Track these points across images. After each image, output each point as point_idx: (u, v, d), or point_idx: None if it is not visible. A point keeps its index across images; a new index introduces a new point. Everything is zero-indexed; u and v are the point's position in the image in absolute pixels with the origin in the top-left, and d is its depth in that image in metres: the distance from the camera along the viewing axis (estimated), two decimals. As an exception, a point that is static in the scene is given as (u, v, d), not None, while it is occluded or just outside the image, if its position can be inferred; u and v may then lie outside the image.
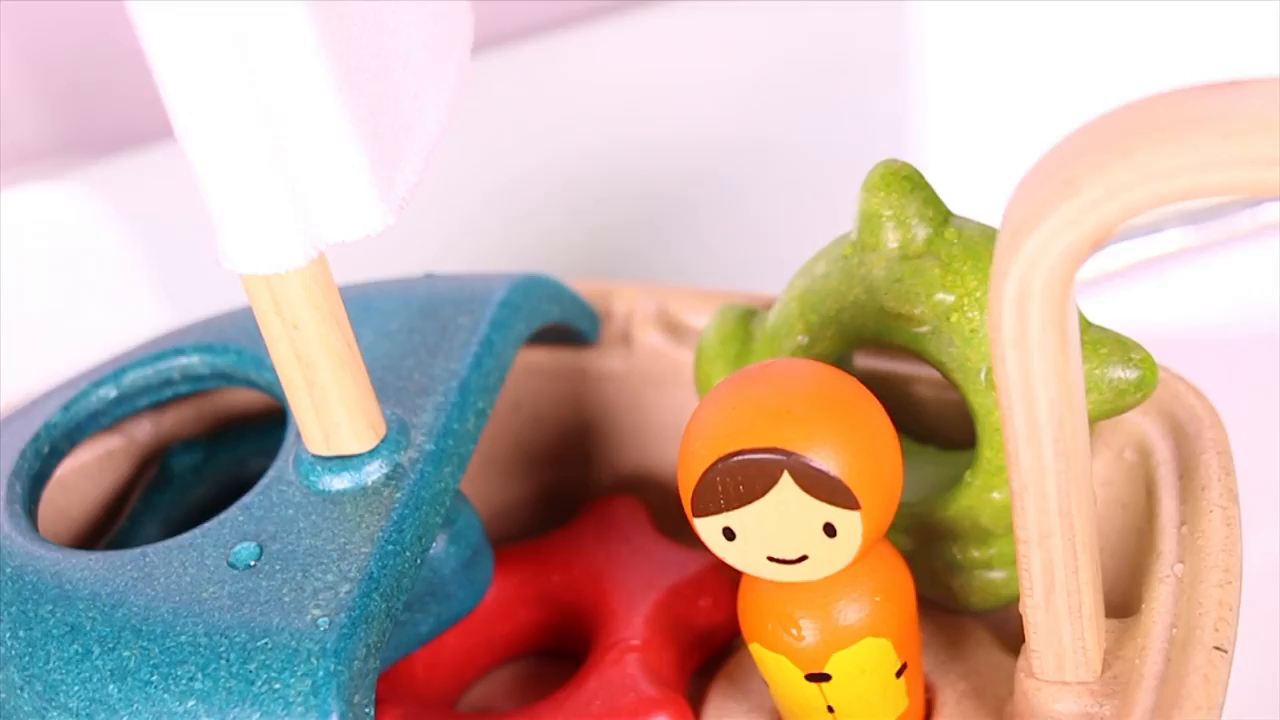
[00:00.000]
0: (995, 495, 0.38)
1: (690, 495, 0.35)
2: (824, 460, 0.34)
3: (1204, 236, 0.55)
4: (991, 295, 0.31)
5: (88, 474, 0.45)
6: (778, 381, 0.35)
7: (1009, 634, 0.40)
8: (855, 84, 0.62)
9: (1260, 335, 0.50)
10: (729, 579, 0.42)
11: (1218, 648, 0.35)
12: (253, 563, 0.36)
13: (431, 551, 0.39)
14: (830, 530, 0.34)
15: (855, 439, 0.34)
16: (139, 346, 0.43)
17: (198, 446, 0.45)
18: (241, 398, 0.46)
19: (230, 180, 0.33)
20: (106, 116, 0.61)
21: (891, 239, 0.38)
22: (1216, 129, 0.28)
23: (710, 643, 0.42)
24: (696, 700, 0.41)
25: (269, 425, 0.45)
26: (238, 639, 0.35)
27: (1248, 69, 0.55)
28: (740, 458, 0.34)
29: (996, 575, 0.40)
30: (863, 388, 0.35)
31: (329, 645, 0.34)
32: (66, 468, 0.44)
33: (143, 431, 0.45)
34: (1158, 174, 0.29)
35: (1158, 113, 0.29)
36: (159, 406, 0.45)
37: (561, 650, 0.43)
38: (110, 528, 0.45)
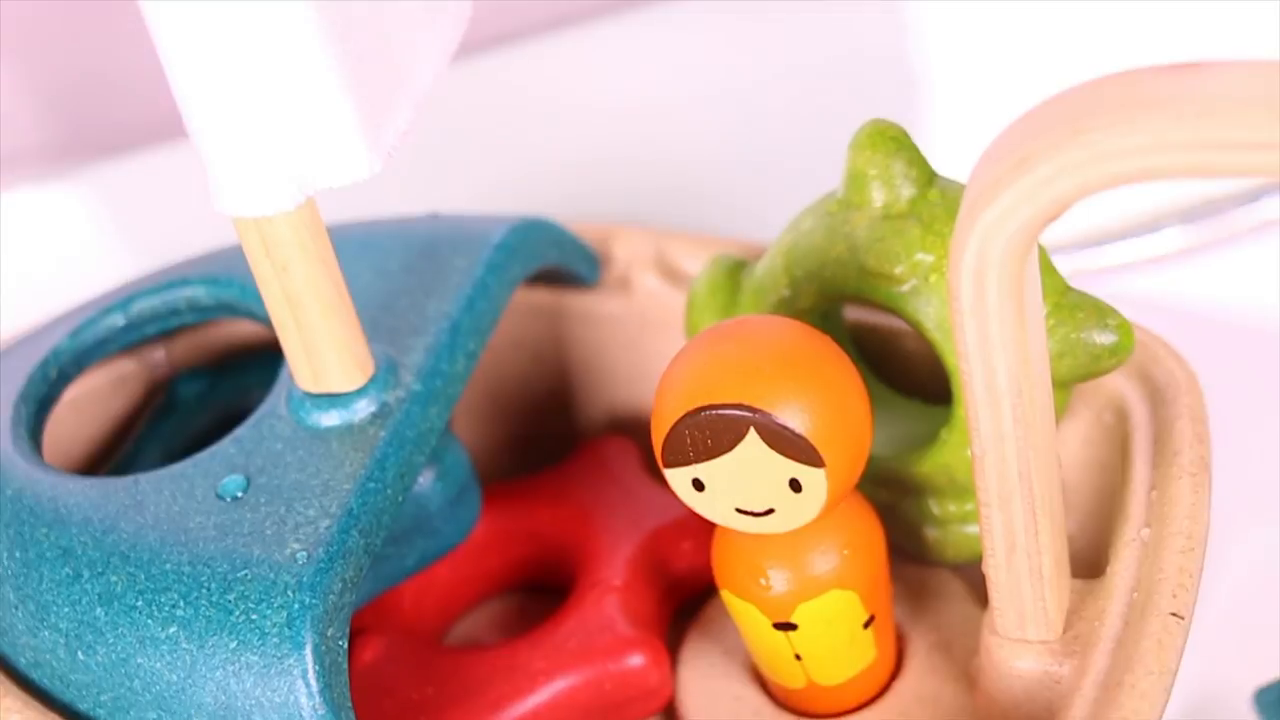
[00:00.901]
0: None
1: (661, 446, 0.35)
2: (790, 418, 0.34)
3: (1202, 235, 0.54)
4: (950, 266, 0.31)
5: (99, 397, 0.46)
6: (749, 338, 0.35)
7: (982, 588, 0.41)
8: (863, 75, 0.62)
9: (1260, 333, 0.50)
10: (712, 524, 0.43)
11: (1174, 614, 0.35)
12: (239, 495, 0.37)
13: (418, 488, 0.40)
14: (796, 486, 0.35)
15: (823, 398, 0.35)
16: (146, 277, 0.44)
17: (203, 375, 0.46)
18: (247, 329, 0.47)
19: (220, 125, 0.34)
20: (106, 117, 0.62)
21: (877, 197, 0.39)
22: (1170, 111, 0.29)
23: (691, 585, 0.43)
24: (675, 642, 0.42)
25: (273, 357, 0.46)
26: (219, 569, 0.36)
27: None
28: (708, 413, 0.35)
29: (972, 530, 0.40)
30: (835, 346, 0.36)
31: (305, 579, 0.35)
32: (81, 389, 0.45)
33: (155, 358, 0.46)
34: (1110, 154, 0.29)
35: (1112, 93, 0.29)
36: (167, 335, 0.46)
37: (550, 586, 0.44)
38: (117, 451, 0.46)
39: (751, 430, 0.34)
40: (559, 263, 0.44)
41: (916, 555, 0.41)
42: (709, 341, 0.36)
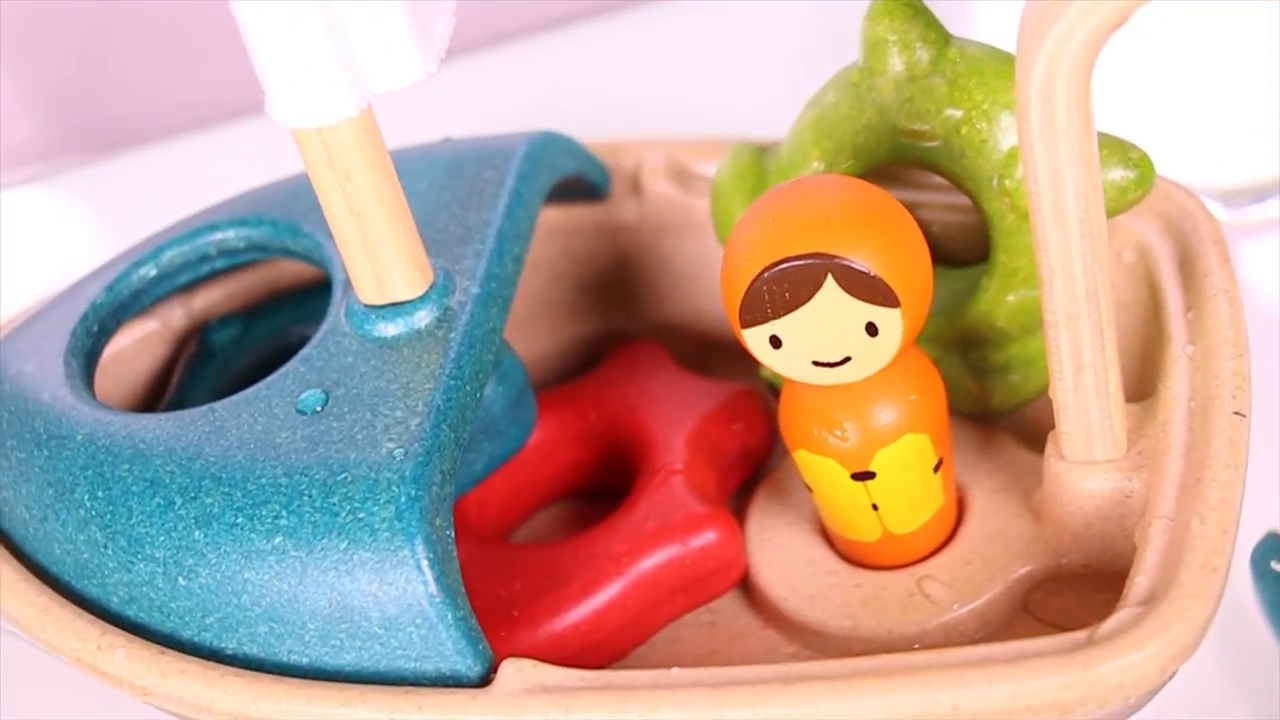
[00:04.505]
0: (1010, 298, 0.41)
1: (739, 307, 0.37)
2: (864, 261, 0.36)
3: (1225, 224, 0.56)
4: (1019, 86, 0.33)
5: (125, 359, 0.46)
6: (812, 193, 0.37)
7: (1028, 434, 0.42)
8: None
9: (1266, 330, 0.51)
10: (759, 403, 0.44)
11: (1237, 413, 0.37)
12: (320, 408, 0.38)
13: (481, 393, 0.41)
14: (872, 329, 0.36)
15: (891, 240, 0.36)
16: (173, 225, 0.45)
17: (235, 320, 0.47)
18: (270, 273, 0.47)
19: (280, 36, 0.35)
20: (105, 117, 0.62)
21: (897, 62, 0.40)
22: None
23: (746, 464, 0.44)
24: (738, 518, 0.43)
25: (303, 296, 0.47)
26: (317, 476, 0.37)
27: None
28: (785, 265, 0.36)
29: (1014, 377, 0.42)
30: (889, 194, 0.37)
31: (407, 473, 0.36)
32: (106, 354, 0.45)
33: (175, 315, 0.47)
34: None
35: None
36: (192, 286, 0.47)
37: (603, 489, 0.45)
38: (154, 407, 0.46)
39: (829, 277, 0.36)
40: (576, 172, 0.45)
41: (962, 409, 0.43)
42: (773, 201, 0.37)
